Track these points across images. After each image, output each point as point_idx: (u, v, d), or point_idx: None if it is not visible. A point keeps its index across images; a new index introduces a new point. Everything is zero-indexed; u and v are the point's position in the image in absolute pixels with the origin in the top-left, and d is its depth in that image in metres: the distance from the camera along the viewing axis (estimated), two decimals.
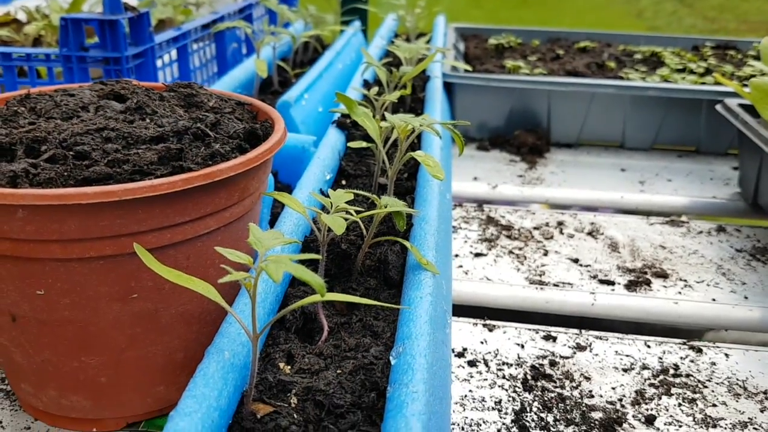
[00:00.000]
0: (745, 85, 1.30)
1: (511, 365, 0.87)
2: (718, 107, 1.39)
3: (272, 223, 0.91)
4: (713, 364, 0.90)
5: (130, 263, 0.60)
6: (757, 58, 1.93)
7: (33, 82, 1.17)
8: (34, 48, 1.33)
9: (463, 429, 0.76)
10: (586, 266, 1.12)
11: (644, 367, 0.88)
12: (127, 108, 0.71)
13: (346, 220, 0.65)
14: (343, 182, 1.03)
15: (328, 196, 0.92)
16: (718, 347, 0.94)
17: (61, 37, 1.12)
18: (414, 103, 1.46)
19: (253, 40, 1.41)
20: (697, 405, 0.82)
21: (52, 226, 0.57)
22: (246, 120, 0.78)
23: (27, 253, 0.58)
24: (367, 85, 1.48)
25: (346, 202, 0.71)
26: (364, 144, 0.92)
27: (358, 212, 0.70)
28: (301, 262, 0.76)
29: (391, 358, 0.60)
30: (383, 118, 1.08)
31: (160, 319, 0.65)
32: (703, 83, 1.69)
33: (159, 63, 1.27)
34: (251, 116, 0.80)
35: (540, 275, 1.09)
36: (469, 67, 1.41)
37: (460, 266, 1.11)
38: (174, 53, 1.35)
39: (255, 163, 0.65)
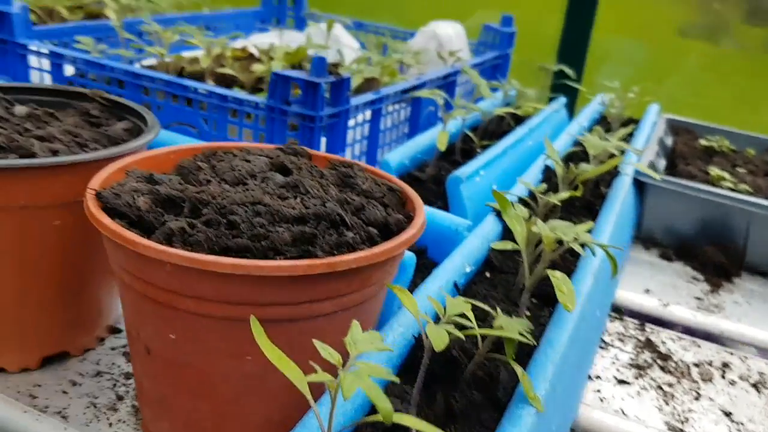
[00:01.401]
0: None
1: None
2: None
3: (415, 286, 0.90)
4: None
5: (249, 328, 0.66)
6: None
7: (241, 123, 1.32)
8: (251, 92, 1.50)
9: None
10: (738, 423, 1.00)
11: None
12: (286, 183, 0.78)
13: (450, 334, 0.65)
14: (487, 274, 1.03)
15: (459, 291, 0.92)
16: None
17: (271, 89, 1.25)
18: (594, 197, 1.41)
19: (445, 110, 1.46)
20: None
21: (191, 284, 0.64)
22: (393, 205, 0.81)
23: (168, 301, 0.66)
24: (548, 172, 1.45)
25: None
26: (509, 246, 0.91)
27: (470, 327, 0.69)
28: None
29: None
30: (545, 219, 1.06)
31: (266, 383, 0.70)
32: None
33: (351, 122, 1.37)
34: (400, 203, 0.84)
35: (683, 422, 0.99)
36: (657, 176, 1.33)
37: (598, 390, 1.04)
38: (368, 114, 1.44)
39: (378, 259, 0.68)
